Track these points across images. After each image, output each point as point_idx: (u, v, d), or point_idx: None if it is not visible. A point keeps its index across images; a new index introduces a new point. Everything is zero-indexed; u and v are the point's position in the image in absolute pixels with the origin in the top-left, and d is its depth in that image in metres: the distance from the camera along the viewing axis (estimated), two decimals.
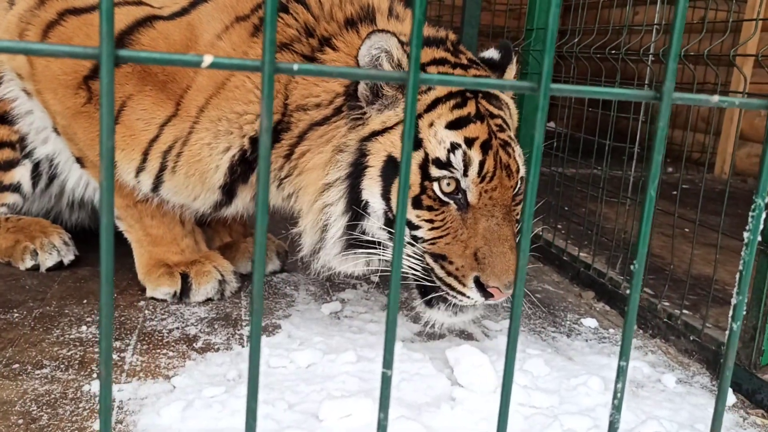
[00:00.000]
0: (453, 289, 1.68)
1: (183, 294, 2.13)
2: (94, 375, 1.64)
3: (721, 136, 5.75)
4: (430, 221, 1.68)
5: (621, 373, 0.59)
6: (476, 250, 1.66)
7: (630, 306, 0.56)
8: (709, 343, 1.97)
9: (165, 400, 1.54)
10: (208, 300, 2.16)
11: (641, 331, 2.21)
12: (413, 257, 1.72)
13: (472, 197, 1.67)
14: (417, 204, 1.69)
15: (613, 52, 2.51)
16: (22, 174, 2.38)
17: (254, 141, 1.88)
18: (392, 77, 0.51)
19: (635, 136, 2.81)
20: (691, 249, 2.24)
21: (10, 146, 2.36)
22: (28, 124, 2.33)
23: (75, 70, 1.92)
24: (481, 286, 1.66)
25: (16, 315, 1.94)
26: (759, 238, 1.74)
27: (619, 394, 0.60)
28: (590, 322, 2.23)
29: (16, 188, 2.40)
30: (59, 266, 2.32)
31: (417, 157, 1.68)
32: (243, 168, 1.91)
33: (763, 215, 0.64)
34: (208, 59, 0.47)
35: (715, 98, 0.56)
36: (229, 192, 1.97)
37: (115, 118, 1.91)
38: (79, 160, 2.16)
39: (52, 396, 1.53)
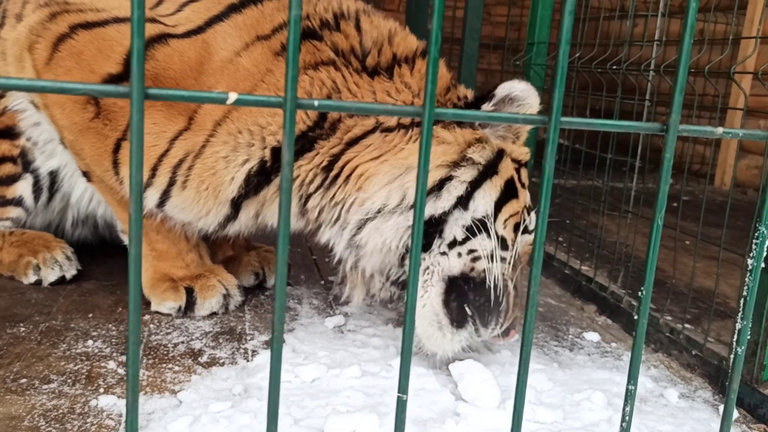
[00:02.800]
0: (500, 319, 1.84)
1: (188, 308, 2.14)
2: (102, 390, 1.65)
3: (721, 147, 5.78)
4: (512, 251, 1.87)
5: (629, 396, 0.61)
6: (521, 293, 1.90)
7: (637, 332, 0.58)
8: (712, 357, 1.98)
9: (172, 415, 1.55)
10: (213, 314, 2.17)
11: (643, 345, 2.22)
12: (498, 276, 1.83)
13: (520, 249, 1.91)
14: (515, 229, 1.88)
15: (614, 67, 2.53)
16: (24, 188, 2.40)
17: (276, 151, 1.88)
18: (406, 112, 0.53)
19: (636, 149, 2.84)
20: (693, 262, 2.26)
21: (12, 161, 2.38)
22: (36, 135, 2.35)
23: None
24: None
25: (23, 329, 1.95)
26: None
27: (627, 417, 0.62)
28: (592, 336, 2.24)
29: (18, 202, 2.42)
30: (62, 281, 2.33)
31: (525, 196, 1.93)
32: (259, 179, 1.91)
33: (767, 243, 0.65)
34: (232, 96, 0.48)
35: (720, 130, 0.58)
36: (236, 206, 1.97)
37: (123, 134, 1.95)
38: (86, 174, 2.17)
39: (60, 411, 1.54)
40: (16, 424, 1.47)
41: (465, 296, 1.81)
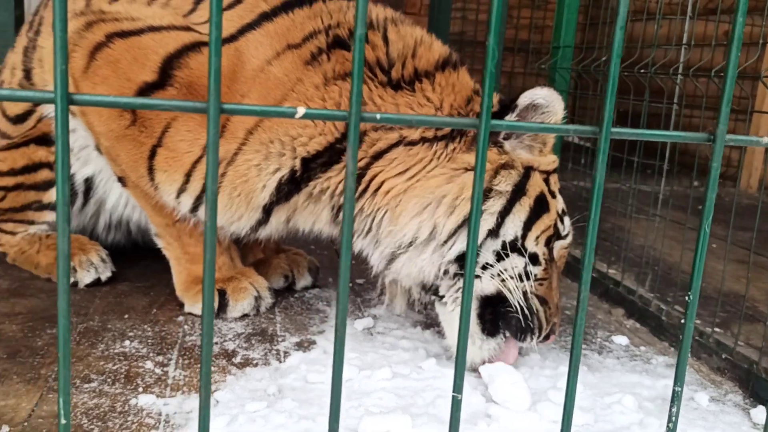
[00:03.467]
0: (541, 331, 1.88)
1: (220, 310, 2.18)
2: (140, 389, 1.69)
3: (747, 149, 5.72)
4: (544, 264, 1.88)
5: (676, 398, 0.62)
6: (557, 300, 1.93)
7: (684, 335, 0.60)
8: (742, 361, 1.98)
9: (210, 414, 1.58)
10: (244, 315, 2.21)
11: (673, 349, 2.23)
12: (528, 293, 1.86)
13: (556, 254, 1.94)
14: (547, 243, 1.89)
15: (642, 71, 2.54)
16: None
17: (305, 161, 1.91)
18: (464, 124, 0.55)
19: (664, 152, 2.84)
20: (722, 266, 2.25)
21: (48, 167, 2.44)
22: (71, 142, 2.40)
23: (121, 93, 1.97)
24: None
25: None
26: None
27: (674, 418, 0.63)
28: (621, 340, 2.24)
29: (54, 207, 2.48)
30: (97, 282, 2.39)
31: (557, 205, 1.92)
32: (290, 187, 1.95)
33: None
34: (301, 111, 0.51)
35: (765, 139, 0.60)
36: (268, 212, 2.01)
37: (158, 141, 1.99)
38: (121, 180, 2.22)
39: (101, 409, 1.58)
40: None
41: (498, 312, 1.86)
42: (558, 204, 1.94)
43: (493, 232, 1.83)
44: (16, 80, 2.49)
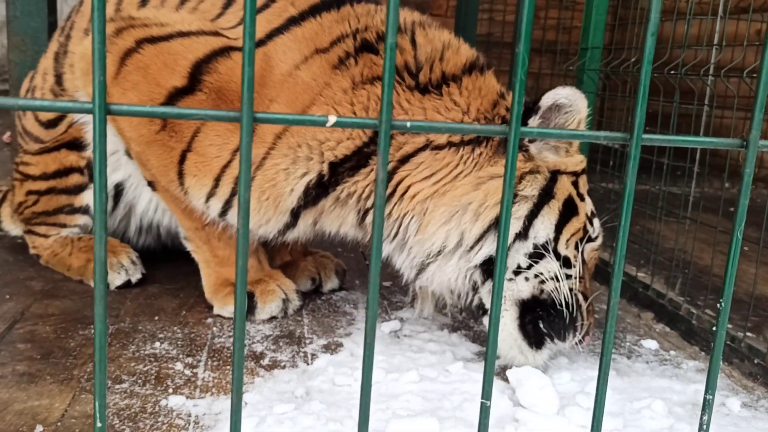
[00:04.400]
0: (580, 329, 1.89)
1: (248, 312, 2.20)
2: (170, 390, 1.71)
3: None
4: (577, 266, 1.90)
5: (707, 406, 0.62)
6: (591, 300, 1.94)
7: (716, 343, 0.59)
8: None
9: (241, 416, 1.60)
10: (272, 318, 2.23)
11: (703, 353, 2.20)
12: (573, 289, 1.88)
13: (587, 256, 1.95)
14: (577, 246, 1.90)
15: (672, 72, 2.51)
16: (90, 198, 2.50)
17: (333, 166, 1.93)
18: (493, 131, 0.56)
19: (694, 154, 2.80)
20: (755, 269, 2.22)
21: (79, 172, 2.48)
22: None
23: (151, 98, 1.99)
24: None
25: (94, 331, 2.03)
26: None
27: (705, 426, 0.63)
28: (650, 344, 2.22)
29: (85, 210, 2.53)
30: (128, 284, 2.42)
31: (585, 207, 1.92)
32: (317, 191, 1.96)
33: None
34: (332, 119, 0.52)
35: None
36: (295, 215, 2.02)
37: (188, 146, 2.02)
38: (151, 184, 2.25)
39: (132, 410, 1.60)
40: (92, 422, 1.54)
41: (539, 317, 1.87)
42: (587, 206, 1.93)
43: (522, 235, 1.83)
44: (48, 85, 2.53)
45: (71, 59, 2.48)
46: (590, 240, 1.93)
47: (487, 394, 0.59)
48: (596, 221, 1.97)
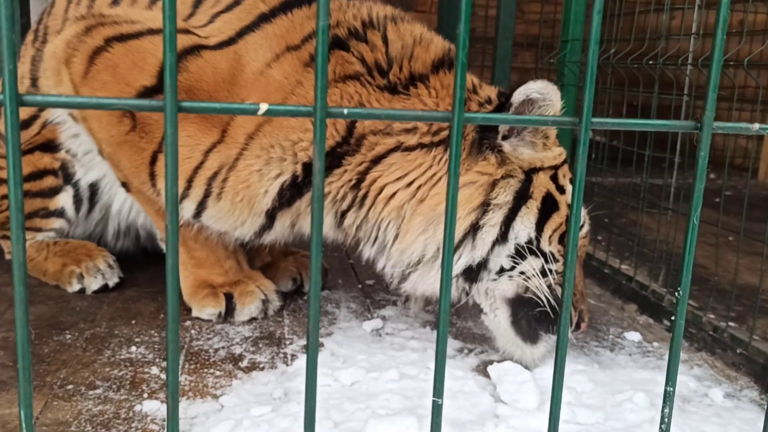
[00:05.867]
0: (570, 321, 1.85)
1: (227, 314, 2.17)
2: (145, 395, 1.68)
3: (765, 140, 5.64)
4: (562, 260, 1.89)
5: (668, 398, 0.60)
6: (582, 288, 1.95)
7: (675, 333, 0.57)
8: (757, 356, 1.94)
9: (214, 419, 1.57)
10: (252, 319, 2.20)
11: (687, 344, 2.18)
12: (552, 285, 1.86)
13: None
14: (560, 240, 1.89)
15: (650, 62, 2.49)
16: (65, 200, 2.46)
17: (307, 167, 1.90)
18: (436, 117, 0.53)
19: (675, 145, 2.79)
20: (736, 258, 2.21)
21: (53, 174, 2.44)
22: (75, 147, 2.41)
23: (120, 98, 1.96)
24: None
25: (69, 336, 2.00)
26: None
27: (666, 419, 0.61)
28: (633, 336, 2.20)
29: (60, 213, 2.49)
30: (105, 288, 2.39)
31: (566, 199, 1.90)
32: (292, 192, 1.94)
33: None
34: (263, 107, 0.49)
35: (756, 126, 0.57)
36: (271, 217, 1.99)
37: (159, 146, 1.98)
38: (125, 185, 2.22)
39: (106, 416, 1.57)
40: (64, 429, 1.51)
41: (530, 313, 1.88)
42: (567, 198, 1.91)
43: (500, 240, 1.83)
44: (24, 89, 2.50)
45: (45, 63, 2.44)
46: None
47: (438, 392, 0.57)
48: (582, 212, 1.97)
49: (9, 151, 0.54)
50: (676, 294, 0.59)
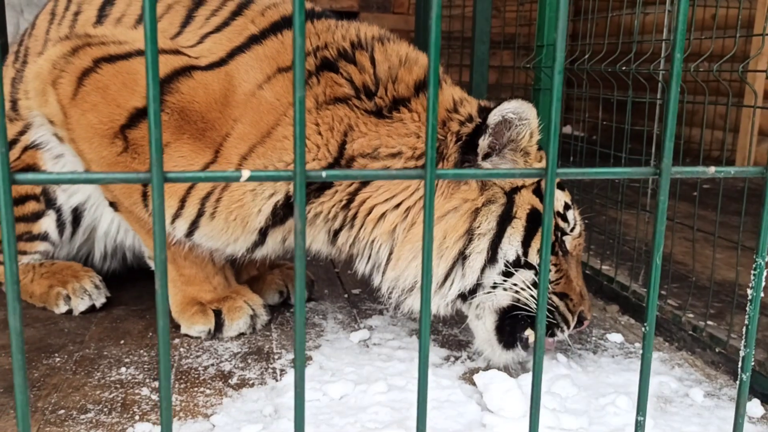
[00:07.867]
0: (568, 323, 1.95)
1: (216, 330, 2.19)
2: (137, 417, 1.70)
3: (740, 132, 5.73)
4: (555, 265, 1.96)
5: (639, 427, 0.63)
6: (580, 288, 2.00)
7: (643, 370, 0.60)
8: (735, 354, 1.99)
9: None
10: (241, 334, 2.22)
11: (667, 344, 2.23)
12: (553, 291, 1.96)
13: (569, 246, 2.01)
14: (554, 248, 1.96)
15: (623, 68, 2.54)
16: (48, 224, 2.46)
17: None
18: (409, 175, 0.56)
19: (652, 141, 2.85)
20: (713, 253, 2.26)
21: (35, 199, 2.44)
22: (59, 168, 2.40)
23: (112, 119, 1.96)
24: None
25: (58, 359, 2.01)
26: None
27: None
28: (616, 337, 2.25)
29: (44, 237, 2.48)
30: (92, 309, 2.40)
31: (555, 206, 1.94)
32: (285, 211, 1.96)
33: (765, 273, 0.68)
34: (245, 174, 0.52)
35: (712, 169, 0.61)
36: (264, 234, 2.02)
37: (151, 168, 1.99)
38: (113, 204, 2.22)
39: None
40: None
41: (519, 322, 1.94)
42: (555, 205, 1.96)
43: (489, 262, 1.88)
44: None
45: (26, 85, 2.43)
46: (565, 234, 1.99)
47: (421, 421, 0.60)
48: (570, 213, 2.00)
49: (3, 227, 0.57)
50: (643, 329, 0.62)
